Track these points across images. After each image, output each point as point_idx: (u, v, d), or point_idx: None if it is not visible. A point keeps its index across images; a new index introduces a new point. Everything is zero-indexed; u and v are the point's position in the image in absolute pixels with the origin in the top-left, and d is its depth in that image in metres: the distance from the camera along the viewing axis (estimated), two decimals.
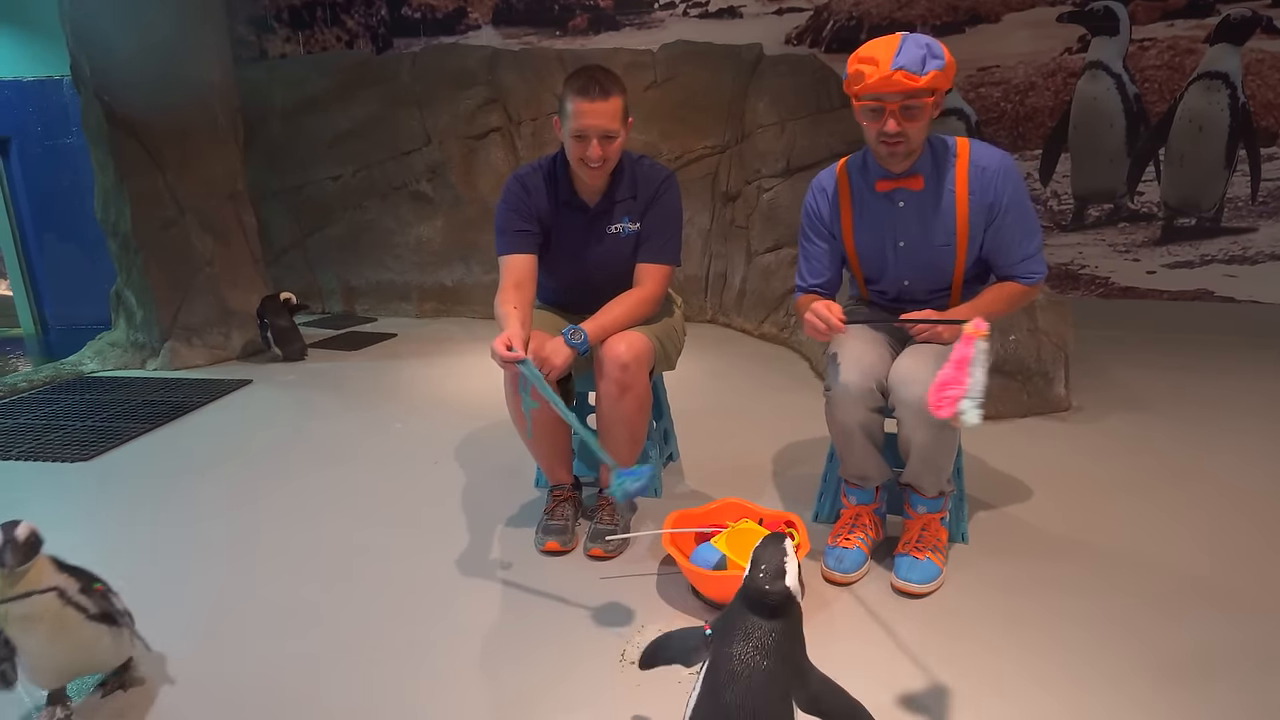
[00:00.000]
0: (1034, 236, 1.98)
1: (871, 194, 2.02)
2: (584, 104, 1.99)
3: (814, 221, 2.14)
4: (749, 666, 1.23)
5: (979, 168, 1.93)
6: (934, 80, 1.78)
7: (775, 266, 4.47)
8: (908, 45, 1.78)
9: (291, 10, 5.93)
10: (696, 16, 5.29)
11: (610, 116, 2.01)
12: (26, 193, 5.36)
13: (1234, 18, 4.41)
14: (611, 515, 2.22)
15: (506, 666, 1.70)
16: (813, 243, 2.15)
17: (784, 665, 1.25)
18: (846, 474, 2.12)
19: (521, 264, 2.12)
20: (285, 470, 2.80)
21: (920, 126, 1.85)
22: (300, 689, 1.65)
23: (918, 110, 1.81)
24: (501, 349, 1.81)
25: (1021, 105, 4.84)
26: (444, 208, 5.26)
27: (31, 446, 3.02)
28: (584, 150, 2.03)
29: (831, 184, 2.09)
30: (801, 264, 2.19)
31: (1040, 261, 2.00)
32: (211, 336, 4.21)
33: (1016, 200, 1.94)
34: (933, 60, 1.78)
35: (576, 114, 2.00)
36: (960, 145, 1.96)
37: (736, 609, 1.31)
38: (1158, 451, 2.81)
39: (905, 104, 1.80)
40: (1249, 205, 4.58)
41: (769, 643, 1.25)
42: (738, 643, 1.26)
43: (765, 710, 1.21)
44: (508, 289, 2.06)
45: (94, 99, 3.91)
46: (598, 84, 2.00)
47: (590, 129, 2.00)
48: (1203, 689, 1.59)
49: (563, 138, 2.10)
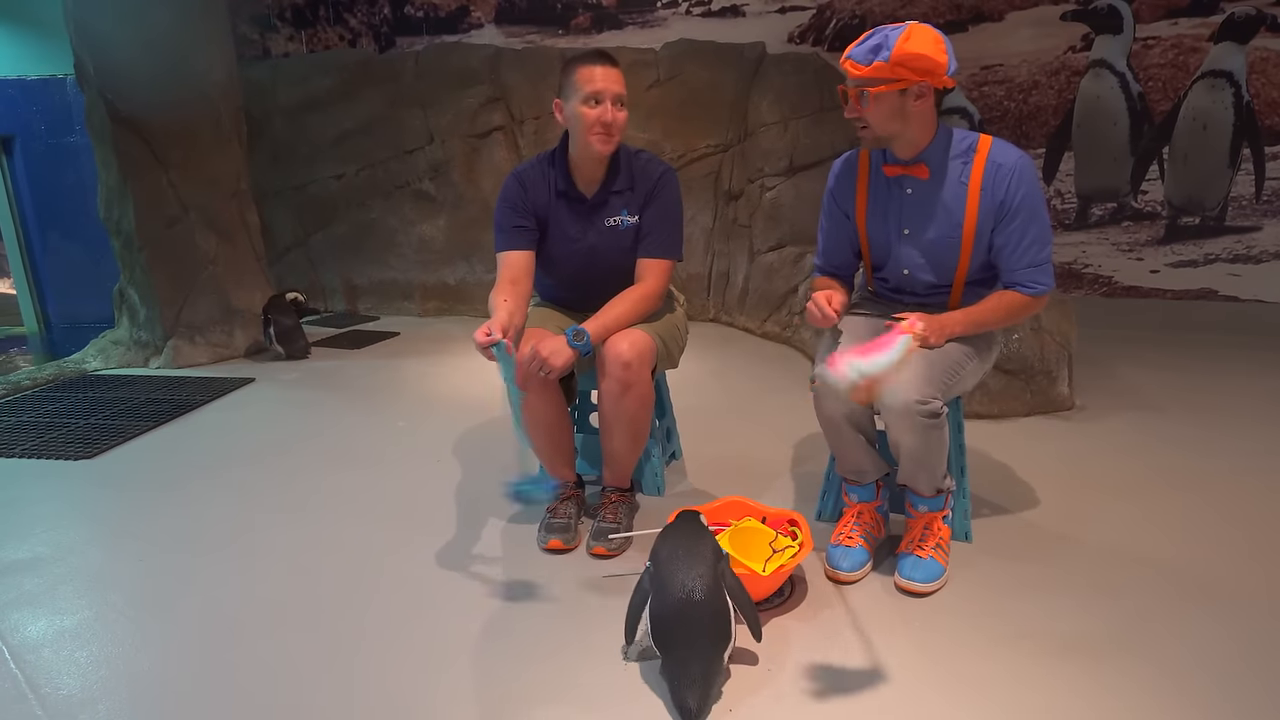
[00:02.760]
0: (1041, 245, 1.93)
1: (884, 178, 2.03)
2: (596, 69, 2.05)
3: (832, 200, 2.16)
4: (685, 561, 1.61)
5: (995, 164, 1.92)
6: (877, 71, 1.81)
7: (778, 265, 4.47)
8: (869, 38, 1.85)
9: (294, 9, 5.93)
10: (699, 15, 5.28)
11: (620, 82, 2.08)
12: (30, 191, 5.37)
13: (1238, 16, 4.40)
14: (614, 513, 2.21)
15: (508, 665, 1.70)
16: (831, 220, 2.17)
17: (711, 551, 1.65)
18: (842, 470, 2.12)
19: (517, 260, 2.14)
20: (288, 468, 2.80)
21: (877, 114, 1.88)
22: (300, 687, 1.65)
23: (866, 98, 1.86)
24: (480, 335, 1.84)
25: (1025, 104, 4.83)
26: (447, 206, 5.26)
27: (35, 444, 3.03)
28: (599, 113, 2.05)
29: (853, 164, 2.12)
30: (819, 243, 2.22)
31: (1047, 273, 1.94)
32: (214, 335, 4.22)
33: (1028, 203, 1.91)
34: (881, 52, 1.81)
35: (589, 79, 2.04)
36: (982, 141, 1.95)
37: (662, 538, 1.70)
38: (1161, 451, 2.80)
39: (858, 90, 1.87)
40: (1253, 204, 4.57)
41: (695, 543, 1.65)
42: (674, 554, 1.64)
43: (702, 585, 1.57)
44: (503, 284, 2.09)
45: (98, 98, 3.92)
46: (601, 54, 2.08)
47: (604, 91, 2.04)
48: (1205, 690, 1.58)
49: (566, 120, 2.11)
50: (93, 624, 1.88)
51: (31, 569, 2.13)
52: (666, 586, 1.59)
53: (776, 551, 1.91)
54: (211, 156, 4.24)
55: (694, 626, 1.56)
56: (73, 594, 2.01)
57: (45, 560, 2.18)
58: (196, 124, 4.14)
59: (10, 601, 1.98)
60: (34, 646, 1.79)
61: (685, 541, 1.66)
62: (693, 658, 1.55)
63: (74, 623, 1.88)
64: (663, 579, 1.61)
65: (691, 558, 1.62)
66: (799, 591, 1.94)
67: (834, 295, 1.94)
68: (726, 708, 1.55)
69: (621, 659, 1.70)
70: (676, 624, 1.57)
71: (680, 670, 1.54)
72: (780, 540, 1.94)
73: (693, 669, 1.54)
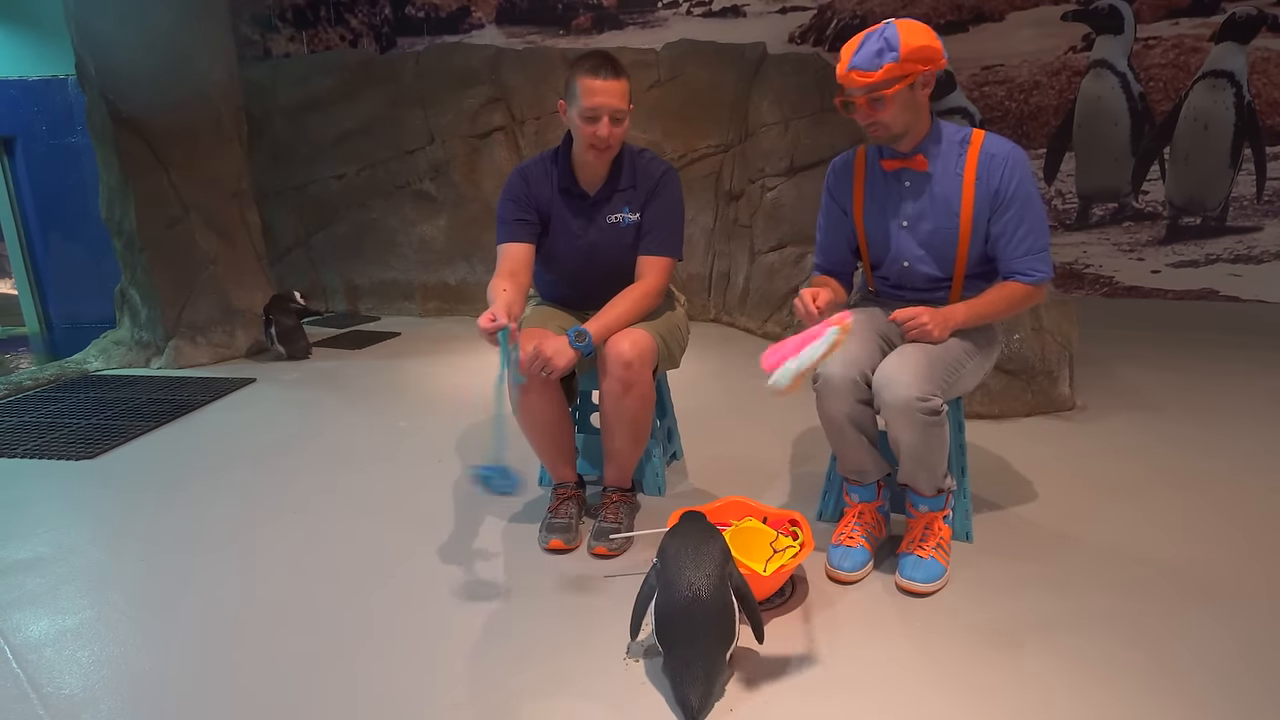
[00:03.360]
0: (1038, 234, 1.97)
1: (882, 173, 2.05)
2: (595, 82, 2.03)
3: (830, 197, 2.19)
4: (692, 560, 1.62)
5: (989, 155, 1.96)
6: (889, 72, 1.83)
7: (778, 265, 4.47)
8: (866, 44, 1.85)
9: (295, 9, 5.94)
10: (700, 15, 5.29)
11: (620, 96, 2.06)
12: (32, 192, 5.37)
13: (1239, 16, 4.40)
14: (615, 514, 2.22)
15: (510, 665, 1.70)
16: (829, 218, 2.20)
17: (720, 552, 1.65)
18: (843, 469, 2.12)
19: (517, 252, 2.15)
20: (289, 468, 2.81)
21: (893, 112, 1.90)
22: (300, 687, 1.65)
23: (881, 101, 1.87)
24: (485, 321, 1.84)
25: (1026, 104, 4.83)
26: (447, 207, 5.27)
27: (36, 444, 3.03)
28: (594, 129, 2.05)
29: (850, 161, 2.15)
30: (818, 241, 2.24)
31: (1044, 261, 1.98)
32: (215, 335, 4.22)
33: (1022, 191, 1.95)
34: (888, 53, 1.82)
35: (587, 92, 2.03)
36: (975, 134, 2.00)
37: (671, 536, 1.70)
38: (1162, 451, 2.80)
39: (869, 97, 1.88)
40: (1254, 204, 4.57)
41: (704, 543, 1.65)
42: (682, 553, 1.64)
43: (709, 585, 1.58)
44: (502, 275, 2.09)
45: (99, 98, 3.93)
46: (608, 64, 2.06)
47: (601, 107, 2.04)
48: (1205, 690, 1.58)
49: (568, 121, 2.12)
50: (94, 624, 1.88)
51: (33, 569, 2.14)
52: (673, 584, 1.60)
53: (777, 551, 1.91)
54: (212, 157, 4.24)
55: (698, 625, 1.57)
56: (74, 594, 2.01)
57: (47, 560, 2.18)
58: (197, 124, 4.15)
59: (12, 601, 1.98)
60: (36, 646, 1.80)
61: (694, 541, 1.67)
62: (696, 656, 1.55)
63: (76, 622, 1.88)
64: (670, 577, 1.62)
65: (700, 557, 1.62)
66: (800, 591, 1.94)
67: (820, 292, 1.95)
68: (728, 707, 1.55)
69: (624, 656, 1.71)
70: (681, 622, 1.57)
71: (683, 668, 1.55)
72: (781, 540, 1.95)
73: (695, 668, 1.54)
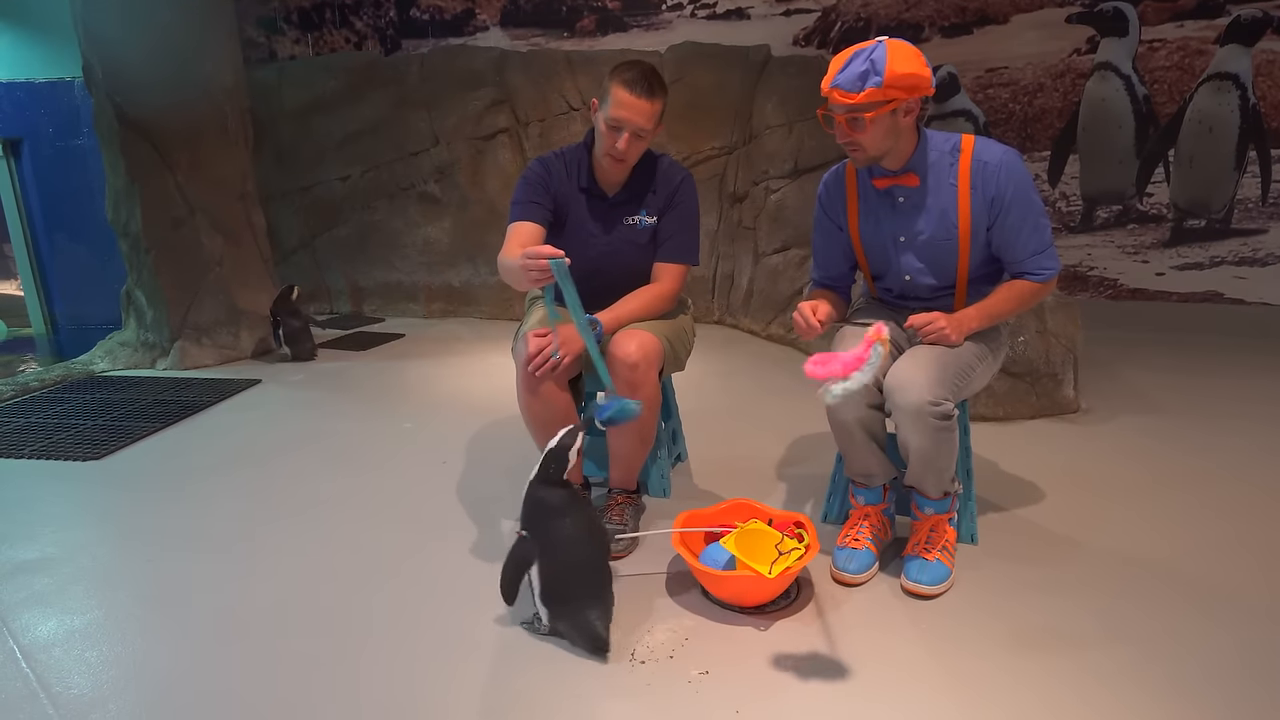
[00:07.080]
0: (1041, 232, 1.97)
1: (873, 190, 2.04)
2: (628, 96, 2.03)
3: (824, 214, 2.18)
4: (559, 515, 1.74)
5: (981, 162, 1.94)
6: (871, 96, 1.80)
7: (783, 268, 4.47)
8: (852, 63, 1.82)
9: (301, 12, 5.95)
10: (704, 18, 5.29)
11: (647, 117, 2.05)
12: (38, 193, 5.39)
13: (1244, 18, 4.40)
14: (621, 515, 2.22)
15: (514, 666, 1.71)
16: (823, 234, 2.19)
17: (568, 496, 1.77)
18: (851, 472, 2.12)
19: (528, 230, 2.11)
20: (294, 469, 2.81)
21: (871, 136, 1.87)
22: (303, 688, 1.66)
23: (860, 123, 1.85)
24: (534, 252, 1.74)
25: (1030, 106, 4.83)
26: (452, 208, 5.28)
27: (42, 445, 3.04)
28: (613, 140, 2.06)
29: (841, 177, 2.13)
30: (814, 256, 2.24)
31: (1051, 257, 1.99)
32: (221, 336, 4.23)
33: (1020, 195, 1.93)
34: (873, 77, 1.79)
35: (617, 104, 2.04)
36: (965, 141, 1.97)
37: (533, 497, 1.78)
38: (1167, 454, 2.80)
39: (849, 117, 1.85)
40: (1259, 207, 4.57)
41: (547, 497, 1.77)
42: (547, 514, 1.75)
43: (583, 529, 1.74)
44: (512, 249, 2.00)
45: (105, 100, 3.94)
46: (645, 82, 2.04)
47: (625, 121, 2.04)
48: (1207, 691, 1.59)
49: (595, 122, 2.12)
50: (102, 623, 1.89)
51: (41, 569, 2.15)
52: (555, 544, 1.72)
53: (783, 554, 1.91)
54: (218, 158, 4.26)
55: (585, 570, 1.73)
56: (82, 594, 2.02)
57: (55, 560, 2.19)
58: (203, 126, 4.16)
59: (21, 601, 1.99)
60: (45, 646, 1.80)
61: (543, 500, 1.77)
62: (595, 596, 1.73)
63: (84, 622, 1.89)
64: (550, 539, 1.73)
65: (555, 513, 1.74)
66: (805, 594, 1.95)
67: (820, 306, 1.95)
68: (734, 709, 1.55)
69: (630, 659, 1.71)
70: (577, 571, 1.73)
71: (585, 613, 1.71)
72: (786, 542, 1.95)
73: (594, 608, 1.72)
